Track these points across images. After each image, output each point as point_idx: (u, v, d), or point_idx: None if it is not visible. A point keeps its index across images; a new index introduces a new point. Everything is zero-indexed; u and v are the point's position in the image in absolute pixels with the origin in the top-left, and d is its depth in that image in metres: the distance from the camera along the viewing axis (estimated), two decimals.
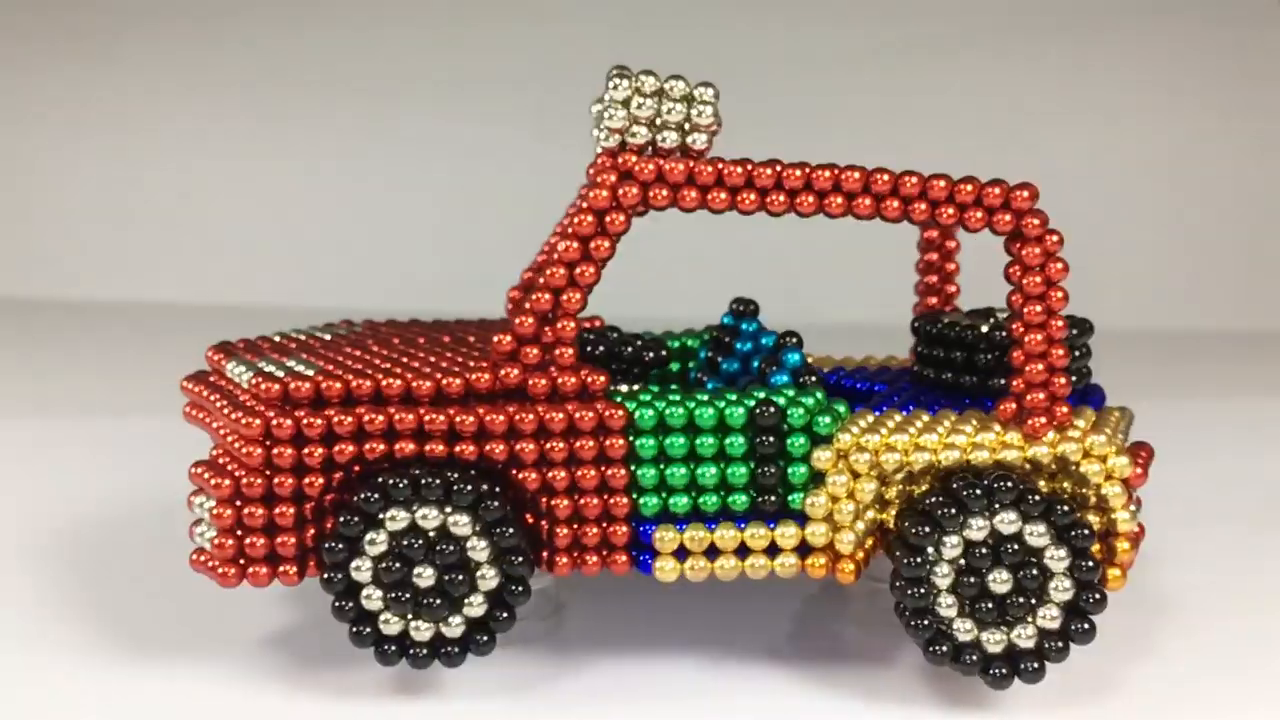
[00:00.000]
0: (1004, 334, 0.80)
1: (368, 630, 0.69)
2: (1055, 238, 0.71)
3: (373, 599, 0.69)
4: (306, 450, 0.69)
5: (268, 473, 0.68)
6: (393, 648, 0.69)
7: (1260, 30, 2.06)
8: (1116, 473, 0.71)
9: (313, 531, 0.70)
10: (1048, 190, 0.72)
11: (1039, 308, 0.71)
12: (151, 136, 2.21)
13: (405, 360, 0.75)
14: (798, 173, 0.70)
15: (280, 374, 0.71)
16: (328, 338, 0.84)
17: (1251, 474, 1.20)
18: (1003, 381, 0.79)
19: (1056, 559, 0.68)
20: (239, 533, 0.69)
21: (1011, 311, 0.72)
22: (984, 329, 0.80)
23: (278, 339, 0.84)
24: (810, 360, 0.82)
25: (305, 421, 0.68)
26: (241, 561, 0.69)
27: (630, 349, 0.76)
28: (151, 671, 0.75)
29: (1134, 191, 2.11)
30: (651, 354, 0.76)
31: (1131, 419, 0.81)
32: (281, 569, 0.69)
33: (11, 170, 2.23)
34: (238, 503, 0.68)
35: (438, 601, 0.68)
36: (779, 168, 0.70)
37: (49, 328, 1.96)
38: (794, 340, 0.76)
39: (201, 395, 0.76)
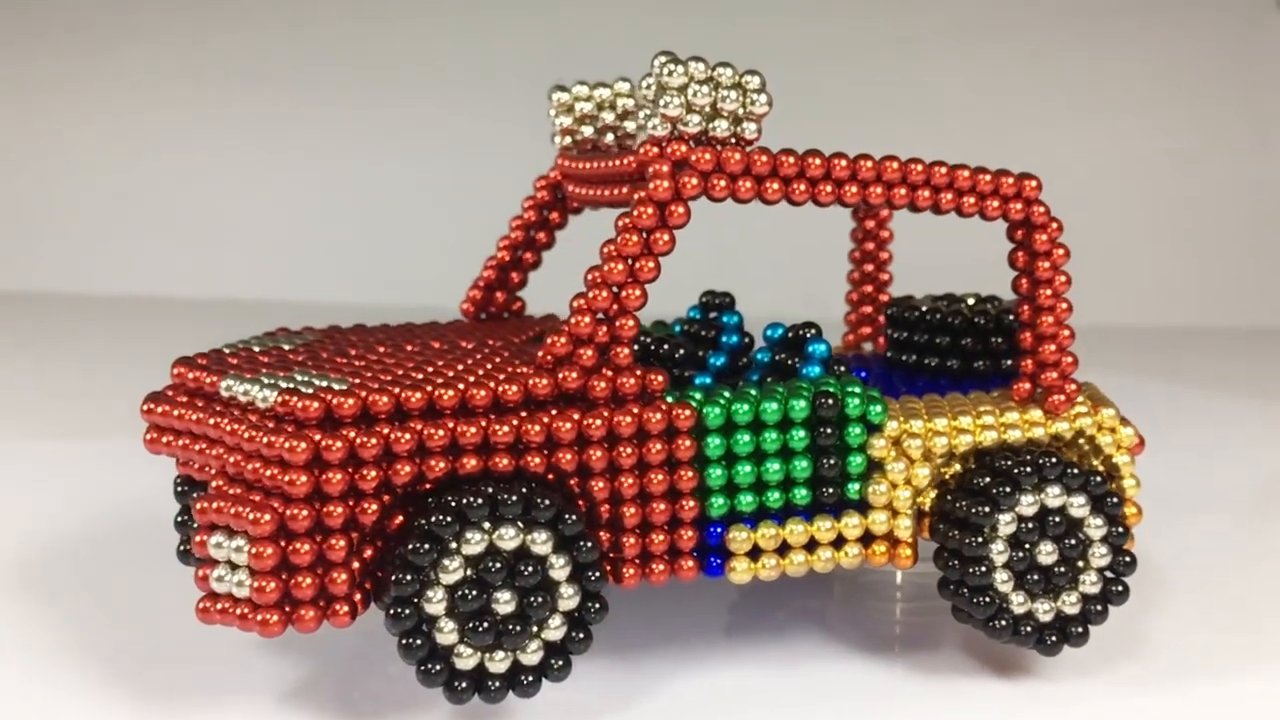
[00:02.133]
0: (984, 319, 0.83)
1: (439, 667, 0.62)
2: (1056, 224, 0.75)
3: (446, 632, 0.62)
4: (360, 474, 0.61)
5: (315, 503, 0.60)
6: (464, 683, 0.63)
7: (1260, 30, 2.11)
8: (1125, 442, 0.76)
9: (357, 565, 0.63)
10: (1046, 185, 0.76)
11: (1048, 291, 0.75)
12: (147, 133, 2.17)
13: (427, 368, 0.68)
14: (843, 163, 0.70)
15: (308, 391, 0.63)
16: (288, 347, 0.75)
17: (1246, 468, 1.22)
18: (985, 364, 0.83)
19: (1095, 527, 0.72)
20: (283, 573, 0.60)
21: (1019, 296, 0.75)
22: (970, 315, 0.83)
23: (230, 351, 0.74)
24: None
25: (359, 442, 0.61)
26: (286, 606, 0.61)
27: (666, 346, 0.73)
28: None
29: (1132, 188, 2.15)
30: (683, 351, 0.74)
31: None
32: (333, 609, 0.61)
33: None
34: (280, 539, 0.60)
35: (518, 628, 0.63)
36: (826, 158, 0.69)
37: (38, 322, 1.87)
38: (814, 331, 0.76)
39: (185, 419, 0.66)
